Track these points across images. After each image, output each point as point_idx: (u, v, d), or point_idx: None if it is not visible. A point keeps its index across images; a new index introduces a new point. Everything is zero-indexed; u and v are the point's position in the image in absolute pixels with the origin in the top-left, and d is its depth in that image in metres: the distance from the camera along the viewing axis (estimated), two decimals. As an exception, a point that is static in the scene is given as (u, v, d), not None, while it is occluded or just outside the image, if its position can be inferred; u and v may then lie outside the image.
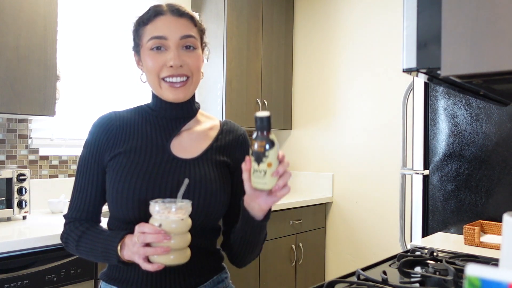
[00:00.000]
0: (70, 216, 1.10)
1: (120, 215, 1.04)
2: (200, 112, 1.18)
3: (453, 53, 0.56)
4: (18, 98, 1.91)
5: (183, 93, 1.07)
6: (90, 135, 1.10)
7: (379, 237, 2.94)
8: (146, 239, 0.90)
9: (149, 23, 1.06)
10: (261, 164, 0.89)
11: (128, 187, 1.01)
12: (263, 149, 0.88)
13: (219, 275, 1.13)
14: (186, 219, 0.93)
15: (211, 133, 1.15)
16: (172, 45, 1.05)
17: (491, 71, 0.54)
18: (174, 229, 0.91)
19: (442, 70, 0.57)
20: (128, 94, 2.67)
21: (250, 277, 2.64)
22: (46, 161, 2.37)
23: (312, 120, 3.32)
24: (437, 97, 1.79)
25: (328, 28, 3.25)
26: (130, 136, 1.08)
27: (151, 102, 1.14)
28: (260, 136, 0.88)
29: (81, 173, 1.09)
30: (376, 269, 1.18)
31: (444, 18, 0.56)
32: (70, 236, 1.08)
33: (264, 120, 0.88)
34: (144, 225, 0.92)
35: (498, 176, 1.64)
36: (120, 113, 1.12)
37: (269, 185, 0.91)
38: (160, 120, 1.11)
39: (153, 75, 1.06)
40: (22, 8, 1.91)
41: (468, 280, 0.43)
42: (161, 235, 0.90)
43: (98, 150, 1.07)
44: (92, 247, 1.03)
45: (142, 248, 0.91)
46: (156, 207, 0.92)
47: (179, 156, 1.07)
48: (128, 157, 1.05)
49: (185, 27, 1.07)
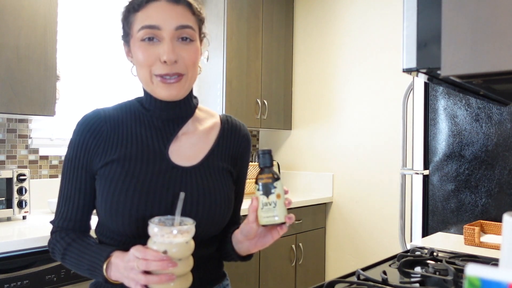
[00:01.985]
0: (57, 225, 1.01)
1: (112, 227, 0.95)
2: (199, 107, 1.07)
3: (453, 53, 0.56)
4: (18, 98, 1.90)
5: (177, 90, 0.95)
6: (75, 135, 0.98)
7: (379, 237, 2.94)
8: (150, 267, 0.80)
9: (140, 9, 0.94)
10: (271, 196, 0.88)
11: (124, 201, 0.91)
12: (271, 180, 0.89)
13: (221, 283, 1.08)
14: (190, 242, 0.85)
15: (212, 134, 1.05)
16: (166, 36, 0.92)
17: (491, 71, 0.54)
18: (179, 254, 0.82)
19: (442, 70, 0.57)
20: (128, 94, 2.67)
21: (250, 277, 2.64)
22: (46, 161, 2.37)
23: (312, 120, 3.32)
24: (437, 97, 1.79)
25: (328, 28, 3.24)
26: (124, 141, 0.97)
27: (144, 98, 1.01)
28: (266, 169, 0.90)
29: (67, 178, 0.99)
30: (376, 269, 1.18)
31: (444, 18, 0.56)
32: (56, 246, 0.99)
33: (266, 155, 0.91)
34: (145, 251, 0.81)
35: (498, 176, 1.64)
36: (108, 111, 1.00)
37: (281, 217, 0.89)
38: (155, 121, 1.00)
39: (144, 69, 0.94)
40: (22, 7, 1.91)
41: (468, 280, 0.43)
42: (167, 262, 0.79)
43: (87, 153, 0.97)
44: (77, 262, 0.94)
45: (142, 276, 0.80)
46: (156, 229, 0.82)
47: (179, 164, 0.97)
48: (123, 165, 0.94)
49: (182, 15, 0.94)
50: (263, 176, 0.90)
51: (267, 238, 0.94)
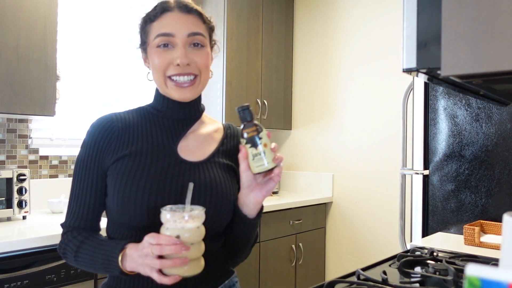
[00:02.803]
0: (68, 225, 1.04)
1: (124, 220, 0.99)
2: (204, 114, 1.15)
3: (453, 53, 0.56)
4: (18, 98, 1.91)
5: (191, 93, 1.04)
6: (88, 135, 1.04)
7: (379, 237, 2.94)
8: (164, 251, 0.85)
9: (156, 20, 1.04)
10: (258, 146, 0.97)
11: (136, 191, 0.96)
12: (256, 132, 0.97)
13: (230, 279, 1.10)
14: (201, 227, 0.90)
15: (217, 136, 1.13)
16: (180, 43, 1.02)
17: (491, 71, 0.54)
18: (191, 238, 0.87)
19: (442, 70, 0.57)
20: (128, 94, 2.67)
21: (250, 277, 2.65)
22: (46, 161, 2.37)
23: (312, 120, 3.32)
24: (437, 97, 1.79)
25: (328, 28, 3.25)
26: (135, 138, 1.03)
27: (155, 102, 1.10)
28: (248, 124, 0.98)
29: (79, 177, 1.03)
30: (376, 269, 1.18)
31: (444, 18, 0.56)
32: (68, 246, 1.01)
33: (246, 110, 0.98)
34: (159, 236, 0.87)
35: (498, 176, 1.64)
36: (120, 114, 1.07)
37: (271, 163, 0.97)
38: (166, 121, 1.08)
39: (159, 73, 1.03)
40: (22, 8, 1.91)
41: (468, 280, 0.43)
42: (180, 246, 0.85)
43: (99, 152, 1.02)
44: (91, 258, 0.98)
45: (157, 261, 0.85)
46: (169, 215, 0.87)
47: (187, 159, 1.04)
48: (134, 159, 1.00)
49: (193, 24, 1.04)
50: (248, 130, 0.98)
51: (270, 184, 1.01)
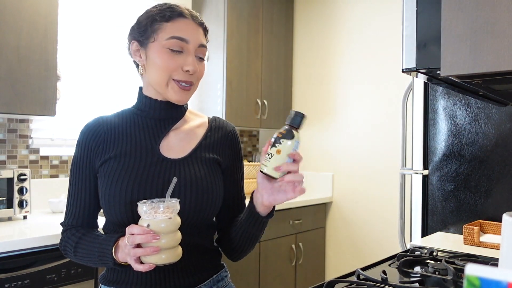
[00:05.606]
0: (66, 224, 1.12)
1: (113, 218, 1.05)
2: (189, 110, 1.19)
3: (452, 53, 0.56)
4: (18, 98, 1.91)
5: (187, 97, 1.09)
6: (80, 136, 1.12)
7: (379, 237, 2.95)
8: (136, 240, 0.92)
9: (171, 21, 1.06)
10: (273, 148, 0.93)
11: (120, 190, 1.02)
12: (281, 135, 0.93)
13: (218, 273, 1.13)
14: (175, 218, 0.95)
15: (199, 131, 1.16)
16: (192, 50, 1.07)
17: (491, 71, 0.54)
18: (163, 228, 0.93)
19: (442, 70, 0.57)
20: (128, 94, 2.67)
21: (250, 277, 2.65)
22: (47, 161, 2.37)
23: (312, 120, 3.32)
24: (437, 97, 1.79)
25: (328, 28, 3.25)
26: (119, 141, 1.09)
27: (138, 103, 1.14)
28: (286, 126, 0.94)
29: (74, 177, 1.11)
30: (376, 268, 1.18)
31: (444, 19, 0.57)
32: (67, 243, 1.09)
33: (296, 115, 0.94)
34: (133, 226, 0.94)
35: (497, 176, 1.65)
36: (106, 117, 1.13)
37: (269, 169, 0.93)
38: (148, 121, 1.12)
39: (163, 73, 1.06)
40: (23, 8, 1.91)
41: (467, 280, 0.43)
42: (150, 236, 0.91)
43: (89, 153, 1.09)
44: (88, 252, 1.05)
45: (132, 250, 0.93)
46: (143, 207, 0.93)
47: (168, 157, 1.08)
48: (119, 161, 1.06)
49: (202, 36, 1.10)
50: (280, 130, 0.95)
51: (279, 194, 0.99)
